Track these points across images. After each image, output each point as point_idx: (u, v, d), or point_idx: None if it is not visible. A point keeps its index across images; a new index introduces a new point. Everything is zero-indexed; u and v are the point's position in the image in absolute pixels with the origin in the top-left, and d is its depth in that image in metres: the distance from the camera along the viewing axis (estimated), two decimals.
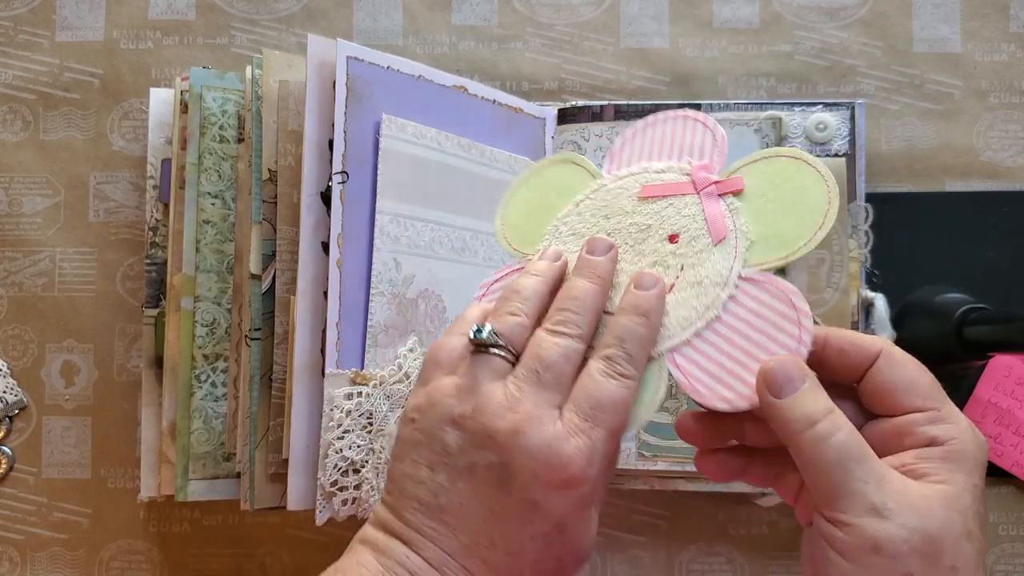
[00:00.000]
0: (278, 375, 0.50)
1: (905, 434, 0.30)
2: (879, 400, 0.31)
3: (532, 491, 0.30)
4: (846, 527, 0.28)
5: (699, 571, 0.57)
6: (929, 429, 0.30)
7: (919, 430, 0.30)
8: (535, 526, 0.31)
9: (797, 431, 0.29)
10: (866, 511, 0.28)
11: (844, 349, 0.31)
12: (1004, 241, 0.58)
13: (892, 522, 0.27)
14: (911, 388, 0.30)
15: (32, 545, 0.57)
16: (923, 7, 0.60)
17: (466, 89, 0.53)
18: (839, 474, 0.28)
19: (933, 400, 0.30)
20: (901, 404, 0.30)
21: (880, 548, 0.27)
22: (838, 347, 0.32)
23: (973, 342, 0.52)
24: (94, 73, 0.60)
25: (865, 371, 0.31)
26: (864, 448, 0.29)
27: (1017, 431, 0.56)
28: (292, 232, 0.50)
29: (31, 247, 0.59)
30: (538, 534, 0.31)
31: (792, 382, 0.29)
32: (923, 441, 0.30)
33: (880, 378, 0.31)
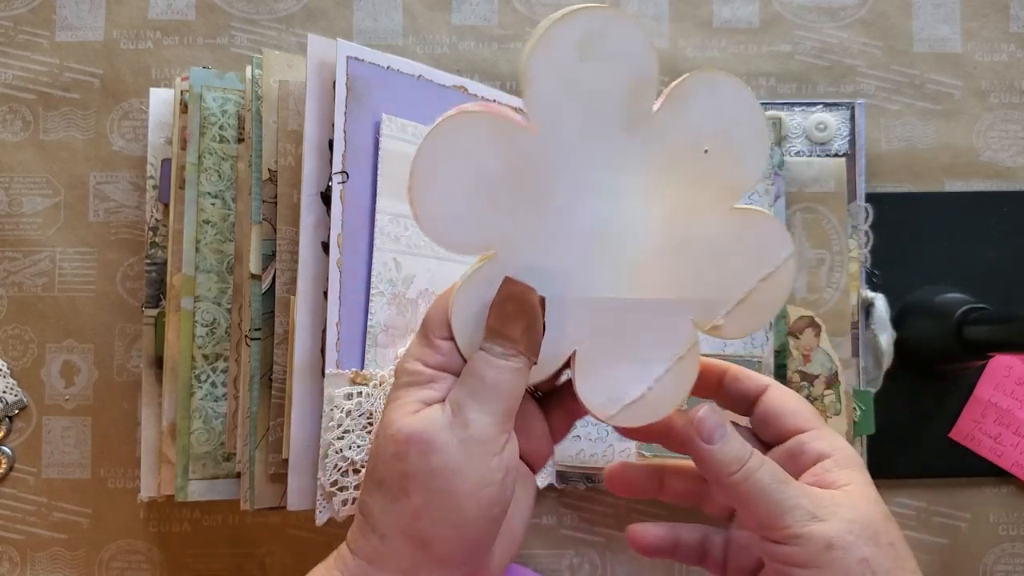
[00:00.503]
0: (278, 375, 0.50)
1: (797, 454, 0.35)
2: (770, 425, 0.36)
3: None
4: (797, 538, 0.31)
5: (699, 571, 0.57)
6: (816, 444, 0.34)
7: (808, 447, 0.34)
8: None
9: (731, 472, 0.33)
10: (809, 519, 0.31)
11: (738, 377, 0.37)
12: (1004, 241, 0.58)
13: (833, 521, 0.31)
14: (796, 413, 0.35)
15: (32, 545, 0.57)
16: (923, 7, 0.60)
17: (466, 89, 0.53)
18: (776, 496, 0.32)
19: (814, 421, 0.35)
20: (788, 427, 0.35)
21: (832, 544, 0.31)
22: (733, 376, 0.37)
23: (973, 342, 0.52)
24: (94, 73, 0.60)
25: (755, 400, 0.36)
26: (786, 474, 0.33)
27: (1017, 431, 0.56)
28: (292, 232, 0.50)
29: (31, 247, 0.59)
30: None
31: (720, 427, 0.33)
32: (814, 456, 0.34)
33: (770, 405, 0.36)
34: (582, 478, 0.56)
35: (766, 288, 0.35)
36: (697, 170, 0.34)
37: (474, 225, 0.33)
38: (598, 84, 0.32)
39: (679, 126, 0.34)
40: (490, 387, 0.31)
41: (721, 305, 0.35)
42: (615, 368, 0.34)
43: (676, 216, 0.34)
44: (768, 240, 0.35)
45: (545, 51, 0.31)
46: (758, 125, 0.34)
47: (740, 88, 0.34)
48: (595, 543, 0.57)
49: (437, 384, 0.32)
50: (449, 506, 0.30)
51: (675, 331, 0.35)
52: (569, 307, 0.34)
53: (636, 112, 0.33)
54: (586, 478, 0.56)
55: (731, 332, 0.35)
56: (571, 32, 0.32)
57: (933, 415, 0.58)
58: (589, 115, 0.32)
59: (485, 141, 0.32)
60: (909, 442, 0.57)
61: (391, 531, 0.31)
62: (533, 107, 0.32)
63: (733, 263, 0.35)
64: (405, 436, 0.31)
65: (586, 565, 0.57)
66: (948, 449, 0.57)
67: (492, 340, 0.32)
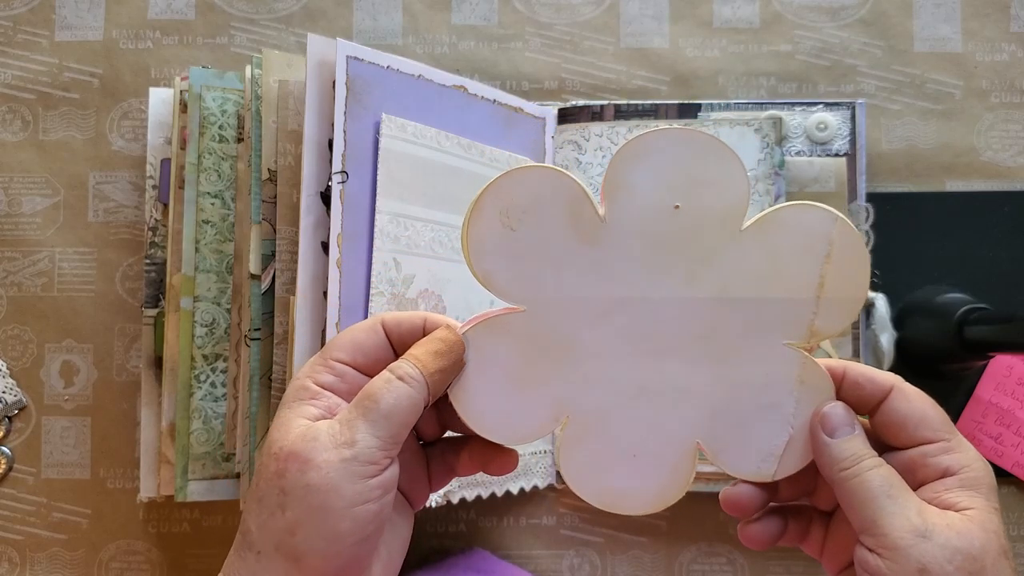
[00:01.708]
0: (278, 375, 0.50)
1: (919, 466, 0.32)
2: (893, 433, 0.33)
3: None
4: (892, 551, 0.29)
5: (699, 571, 0.57)
6: (942, 459, 0.32)
7: (932, 460, 0.32)
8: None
9: (844, 467, 0.32)
10: (911, 534, 0.29)
11: (859, 383, 0.33)
12: (1004, 241, 0.58)
13: (935, 543, 0.29)
14: (922, 421, 0.32)
15: (31, 545, 0.57)
16: (923, 7, 0.60)
17: (466, 89, 0.53)
18: (882, 502, 0.30)
19: (944, 432, 0.32)
20: (913, 436, 0.32)
21: (926, 570, 0.29)
22: (853, 380, 0.33)
23: (973, 342, 0.52)
24: (94, 73, 0.60)
25: (878, 404, 0.33)
26: (903, 483, 0.31)
27: (1018, 431, 0.55)
28: (292, 232, 0.50)
29: (31, 247, 0.59)
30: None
31: (847, 426, 0.32)
32: (937, 471, 0.32)
33: (893, 411, 0.33)
34: None
35: (837, 266, 0.33)
36: (681, 226, 0.33)
37: (526, 408, 0.34)
38: (538, 235, 0.33)
39: (629, 212, 0.33)
40: (384, 411, 0.31)
41: (804, 312, 0.33)
42: (749, 429, 0.34)
43: (697, 277, 0.34)
44: (802, 225, 0.33)
45: (478, 245, 0.34)
46: (714, 150, 0.33)
47: (671, 137, 0.33)
48: (595, 543, 0.57)
49: (319, 401, 0.33)
50: (324, 521, 0.30)
51: (780, 362, 0.34)
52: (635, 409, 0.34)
53: (585, 223, 0.33)
54: None
55: (831, 328, 0.33)
56: (493, 208, 0.33)
57: None
58: (545, 261, 0.34)
59: (491, 342, 0.34)
60: None
61: (266, 547, 0.31)
62: (503, 292, 0.34)
63: (785, 269, 0.33)
64: (286, 454, 0.31)
65: (586, 565, 0.57)
66: None
67: (404, 359, 0.33)
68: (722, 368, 0.34)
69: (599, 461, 0.34)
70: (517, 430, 0.34)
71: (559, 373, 0.34)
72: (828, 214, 0.33)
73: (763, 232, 0.33)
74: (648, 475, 0.34)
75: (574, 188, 0.33)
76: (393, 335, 0.35)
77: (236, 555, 0.31)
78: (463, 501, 0.53)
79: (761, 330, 0.33)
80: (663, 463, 0.34)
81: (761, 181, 0.55)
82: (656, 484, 0.34)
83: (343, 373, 0.34)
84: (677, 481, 0.34)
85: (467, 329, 0.34)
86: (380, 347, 0.34)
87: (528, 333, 0.34)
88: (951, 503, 0.31)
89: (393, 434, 0.32)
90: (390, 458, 0.32)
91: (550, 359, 0.34)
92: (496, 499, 0.56)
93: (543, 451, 0.56)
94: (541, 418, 0.34)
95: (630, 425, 0.34)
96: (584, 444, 0.34)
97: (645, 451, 0.34)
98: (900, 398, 0.33)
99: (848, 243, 0.33)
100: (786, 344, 0.33)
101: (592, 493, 0.35)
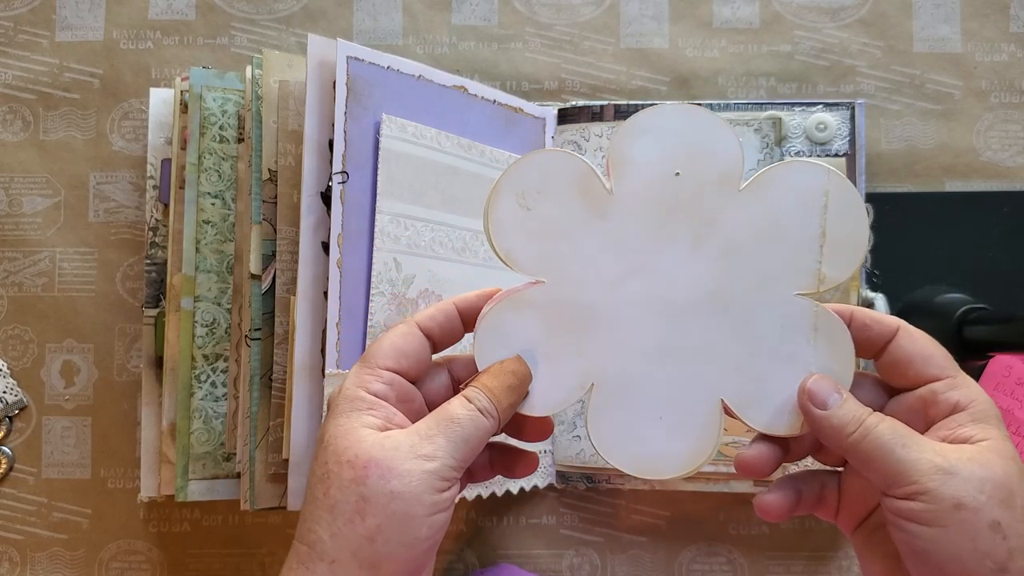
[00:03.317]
0: (278, 375, 0.50)
1: (929, 403, 0.33)
2: (900, 372, 0.34)
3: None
4: (923, 495, 0.30)
5: (699, 571, 0.57)
6: (951, 395, 0.32)
7: (941, 397, 0.32)
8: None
9: (849, 433, 0.32)
10: (938, 473, 0.30)
11: (866, 323, 0.34)
12: (1004, 241, 0.58)
13: (962, 477, 0.29)
14: (929, 359, 0.33)
15: (32, 545, 0.57)
16: (923, 7, 0.60)
17: (466, 89, 0.53)
18: (899, 452, 0.31)
19: (949, 369, 0.33)
20: (920, 374, 0.33)
21: (962, 504, 0.29)
22: (861, 322, 0.34)
23: (973, 342, 0.52)
24: (94, 73, 0.60)
25: (885, 345, 0.34)
26: (910, 429, 0.31)
27: (1017, 431, 0.56)
28: (292, 232, 0.50)
29: (31, 247, 0.59)
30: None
31: (834, 394, 0.33)
32: (947, 408, 0.32)
33: (900, 350, 0.33)
34: (582, 478, 0.56)
35: (835, 215, 0.34)
36: (683, 192, 0.35)
37: (553, 377, 0.36)
38: (552, 213, 0.35)
39: (634, 184, 0.35)
40: (464, 436, 0.33)
41: (809, 262, 0.34)
42: (771, 382, 0.35)
43: (703, 240, 0.35)
44: (795, 181, 0.35)
45: (498, 226, 0.35)
46: (706, 121, 0.35)
47: (666, 112, 0.35)
48: (595, 543, 0.57)
49: (377, 411, 0.33)
50: (405, 528, 0.31)
51: (793, 312, 0.35)
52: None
53: (595, 197, 0.35)
54: (586, 478, 0.56)
55: (840, 273, 0.34)
56: (510, 191, 0.35)
57: None
58: (561, 235, 0.35)
59: (514, 317, 0.36)
60: None
61: (342, 555, 0.31)
62: (524, 268, 0.35)
63: (785, 222, 0.35)
64: (364, 461, 0.31)
65: (586, 565, 0.57)
66: None
67: (481, 391, 0.34)
68: (738, 324, 0.35)
69: (627, 427, 0.35)
70: (547, 400, 0.35)
71: (582, 341, 0.35)
72: (819, 168, 0.34)
73: (761, 191, 0.35)
74: (676, 437, 0.35)
75: (582, 166, 0.35)
76: (433, 332, 0.36)
77: (303, 567, 0.31)
78: (463, 501, 0.53)
79: (771, 283, 0.35)
80: (690, 424, 0.35)
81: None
82: (685, 445, 0.35)
83: (391, 381, 0.34)
84: (705, 441, 0.35)
85: (491, 307, 0.35)
86: (421, 348, 0.36)
87: (550, 304, 0.35)
88: (967, 436, 0.31)
89: (465, 458, 0.33)
90: (459, 477, 0.33)
91: (572, 328, 0.35)
92: (496, 499, 0.56)
93: (543, 451, 0.56)
94: (568, 387, 0.35)
95: (654, 388, 0.35)
96: (611, 411, 0.35)
97: (671, 413, 0.35)
98: (906, 337, 0.34)
99: (843, 192, 0.34)
100: (797, 294, 0.35)
101: (623, 459, 0.35)
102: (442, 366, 0.37)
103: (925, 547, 0.30)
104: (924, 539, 0.30)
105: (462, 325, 0.37)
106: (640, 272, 0.35)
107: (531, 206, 0.35)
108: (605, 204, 0.35)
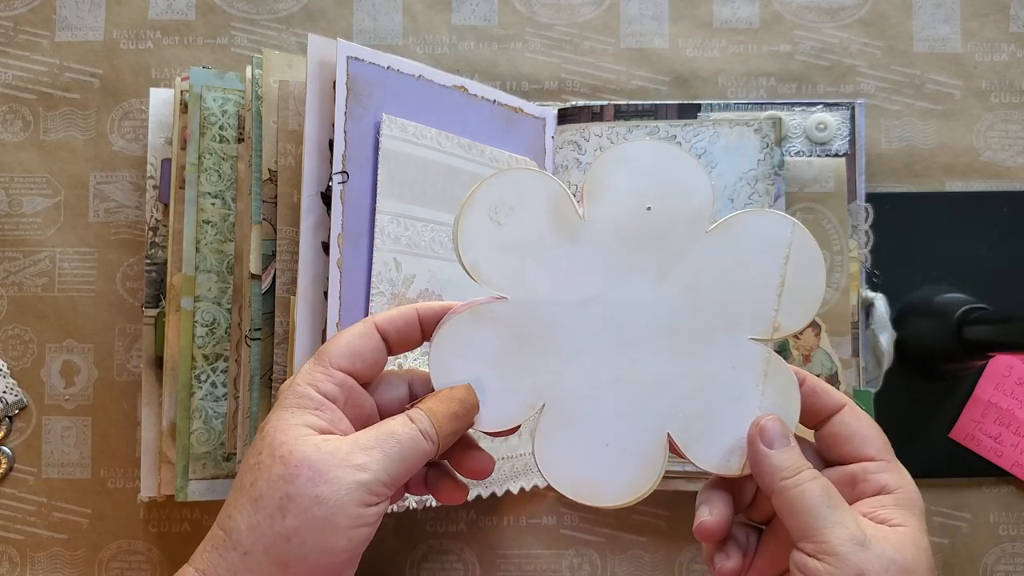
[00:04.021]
0: (278, 375, 0.50)
1: (859, 481, 0.34)
2: (837, 446, 0.35)
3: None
4: (831, 557, 0.31)
5: (699, 571, 0.57)
6: (881, 476, 0.34)
7: (872, 476, 0.34)
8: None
9: (784, 477, 0.33)
10: (850, 542, 0.31)
11: (816, 391, 0.36)
12: (1004, 241, 0.58)
13: (873, 552, 0.31)
14: (868, 440, 0.35)
15: (32, 545, 0.57)
16: (923, 7, 0.60)
17: (466, 89, 0.53)
18: (823, 511, 0.32)
19: (885, 453, 0.35)
20: (857, 452, 0.35)
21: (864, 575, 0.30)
22: (811, 388, 0.36)
23: (973, 342, 0.52)
24: (94, 73, 0.60)
25: (828, 417, 0.35)
26: (839, 495, 0.33)
27: (1017, 431, 0.56)
28: (292, 232, 0.50)
29: (31, 247, 0.59)
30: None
31: (784, 438, 0.34)
32: (875, 488, 0.34)
33: (843, 426, 0.35)
34: None
35: (795, 267, 0.35)
36: (653, 226, 0.35)
37: (505, 393, 0.36)
38: (522, 230, 0.35)
39: (606, 212, 0.35)
40: (402, 455, 0.33)
41: (767, 309, 0.35)
42: (717, 422, 0.35)
43: (667, 274, 0.35)
44: (762, 230, 0.35)
45: (467, 237, 0.35)
46: (682, 162, 0.35)
47: (647, 148, 0.35)
48: (595, 543, 0.57)
49: (323, 412, 0.33)
50: (323, 535, 0.31)
51: (746, 356, 0.35)
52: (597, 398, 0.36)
53: (566, 220, 0.35)
54: None
55: (793, 324, 0.35)
56: (483, 204, 0.35)
57: (933, 415, 0.57)
58: (528, 253, 0.35)
59: (472, 329, 0.36)
60: (909, 442, 0.57)
61: (256, 548, 0.31)
62: (488, 281, 0.35)
63: (748, 267, 0.35)
64: (297, 460, 0.31)
65: (586, 565, 0.57)
66: (948, 449, 0.57)
67: (426, 414, 0.34)
68: (692, 361, 0.35)
69: (573, 449, 0.35)
70: (496, 416, 0.35)
71: (537, 361, 0.35)
72: (786, 220, 0.35)
73: (727, 234, 0.35)
74: (620, 465, 0.35)
75: (556, 189, 0.35)
76: (390, 335, 0.36)
77: (216, 552, 0.31)
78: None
79: (727, 325, 0.35)
80: (635, 453, 0.35)
81: (761, 181, 0.55)
82: (627, 475, 0.35)
83: (343, 382, 0.34)
84: (648, 472, 0.35)
85: (450, 317, 0.35)
86: (376, 351, 0.35)
87: (509, 321, 0.35)
88: (886, 519, 0.32)
89: (400, 476, 0.33)
90: (390, 495, 0.33)
91: (529, 347, 0.35)
92: (496, 499, 0.56)
93: None
94: (518, 404, 0.35)
95: (604, 414, 0.35)
96: (559, 432, 0.35)
97: (618, 440, 0.35)
98: (851, 415, 0.35)
99: (805, 247, 0.35)
100: (751, 339, 0.35)
101: (565, 483, 0.35)
102: (403, 378, 0.37)
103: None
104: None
105: (421, 333, 0.36)
106: (602, 299, 0.35)
107: (502, 221, 0.35)
108: (576, 228, 0.35)
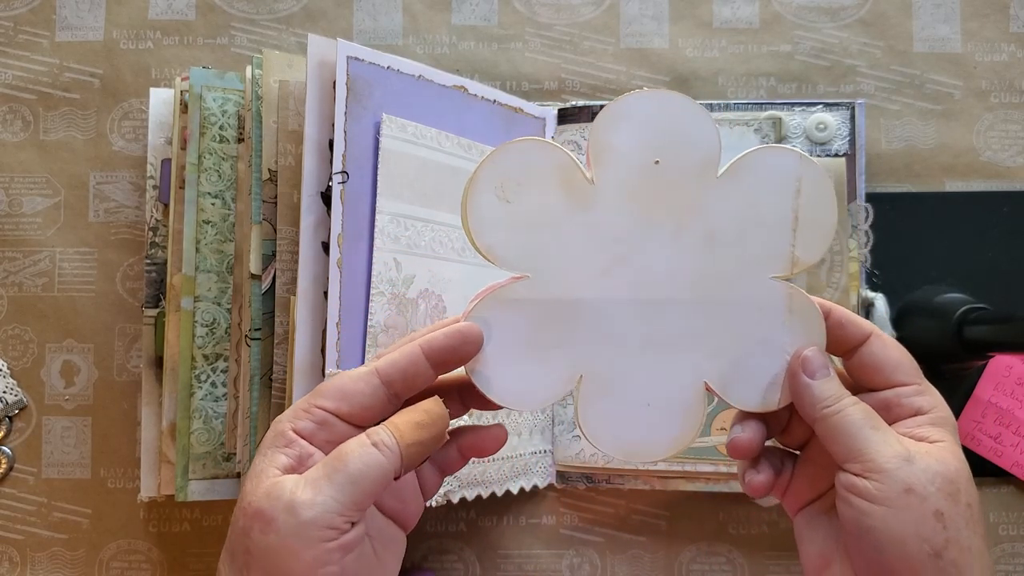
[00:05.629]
0: (278, 375, 0.50)
1: (893, 406, 0.35)
2: (868, 375, 0.35)
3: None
4: (879, 475, 0.32)
5: (699, 571, 0.57)
6: (915, 400, 0.34)
7: (905, 401, 0.34)
8: None
9: (827, 405, 0.34)
10: (896, 459, 0.32)
11: (842, 323, 0.36)
12: (1004, 241, 0.58)
13: (918, 467, 0.32)
14: (898, 367, 0.35)
15: (32, 545, 0.57)
16: (923, 7, 0.60)
17: (466, 89, 0.53)
18: (867, 432, 0.33)
19: (916, 377, 0.35)
20: (889, 379, 0.35)
21: (912, 489, 0.31)
22: (837, 320, 0.36)
23: (973, 342, 0.52)
24: (94, 73, 0.60)
25: (855, 348, 0.35)
26: (880, 418, 0.34)
27: (1017, 431, 0.56)
28: (292, 232, 0.50)
29: (31, 247, 0.59)
30: None
31: (824, 368, 0.34)
32: (910, 411, 0.34)
33: (872, 355, 0.35)
34: (582, 478, 0.56)
35: (807, 199, 0.35)
36: (663, 180, 0.35)
37: (542, 373, 0.36)
38: (533, 205, 0.35)
39: (615, 173, 0.35)
40: (351, 476, 0.31)
41: (784, 246, 0.35)
42: (750, 363, 0.36)
43: (683, 228, 0.35)
44: (771, 166, 0.35)
45: (478, 221, 0.35)
46: (683, 107, 0.35)
47: (644, 98, 0.35)
48: (595, 543, 0.57)
49: (291, 449, 0.32)
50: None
51: (769, 296, 0.35)
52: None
53: (576, 188, 0.35)
54: (586, 478, 0.56)
55: (811, 255, 0.35)
56: (488, 183, 0.35)
57: None
58: (543, 228, 0.35)
59: (500, 315, 0.35)
60: None
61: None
62: (506, 263, 0.35)
63: (761, 207, 0.35)
64: (253, 511, 0.31)
65: (586, 565, 0.57)
66: None
67: (385, 427, 0.33)
68: (718, 310, 0.35)
69: (616, 415, 0.36)
70: (537, 395, 0.36)
71: (568, 334, 0.35)
72: (792, 153, 0.35)
73: (737, 177, 0.35)
74: (663, 422, 0.36)
75: (562, 156, 0.35)
76: (394, 379, 0.34)
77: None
78: (463, 501, 0.53)
79: (748, 268, 0.35)
80: (675, 409, 0.36)
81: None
82: (671, 430, 0.36)
83: (324, 420, 0.33)
84: (692, 423, 0.36)
85: (475, 305, 0.35)
86: (371, 395, 0.34)
87: (534, 299, 0.35)
88: (924, 436, 0.33)
89: (356, 500, 0.31)
90: (351, 523, 0.31)
91: (558, 321, 0.35)
92: (496, 499, 0.56)
93: (543, 451, 0.56)
94: (557, 380, 0.35)
95: (640, 376, 0.35)
96: (599, 400, 0.35)
97: (657, 399, 0.36)
98: (879, 343, 0.35)
99: (814, 178, 0.35)
100: (772, 277, 0.35)
101: (613, 446, 0.36)
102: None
103: (871, 524, 0.31)
104: (871, 516, 0.31)
105: (431, 368, 0.34)
106: (624, 262, 0.35)
107: (511, 199, 0.35)
108: (587, 195, 0.35)
